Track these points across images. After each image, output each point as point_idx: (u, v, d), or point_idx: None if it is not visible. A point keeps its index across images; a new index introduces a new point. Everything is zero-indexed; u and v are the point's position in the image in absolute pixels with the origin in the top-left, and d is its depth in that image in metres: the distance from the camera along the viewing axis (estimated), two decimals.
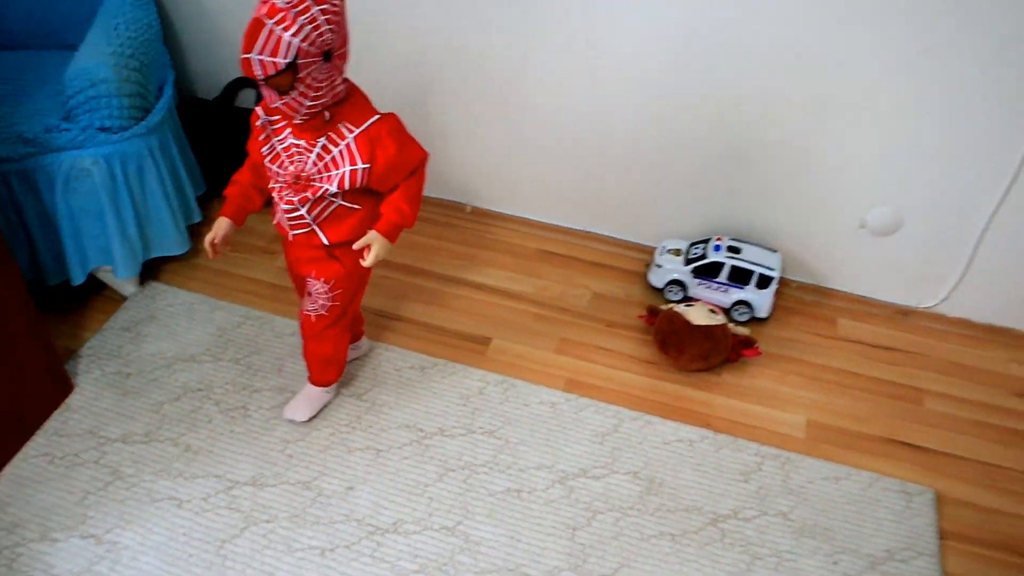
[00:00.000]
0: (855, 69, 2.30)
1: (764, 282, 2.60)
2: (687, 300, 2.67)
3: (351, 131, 1.76)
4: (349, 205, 1.88)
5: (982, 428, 2.42)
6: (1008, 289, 2.62)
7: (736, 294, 2.63)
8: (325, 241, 1.91)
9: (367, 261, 1.87)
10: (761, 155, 2.57)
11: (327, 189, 1.80)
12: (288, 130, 1.79)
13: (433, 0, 2.55)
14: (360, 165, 1.77)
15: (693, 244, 2.73)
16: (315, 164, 1.78)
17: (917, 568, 2.07)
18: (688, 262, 2.67)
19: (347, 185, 1.79)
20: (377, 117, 1.78)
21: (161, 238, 2.64)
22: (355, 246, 1.88)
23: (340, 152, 1.77)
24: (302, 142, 1.78)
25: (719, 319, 2.47)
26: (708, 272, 2.63)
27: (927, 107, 2.32)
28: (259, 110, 1.84)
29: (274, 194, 1.89)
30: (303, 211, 1.86)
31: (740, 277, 2.61)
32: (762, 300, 2.62)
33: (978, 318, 2.73)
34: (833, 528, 2.15)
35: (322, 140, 1.76)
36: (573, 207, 2.95)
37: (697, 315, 2.45)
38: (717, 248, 2.64)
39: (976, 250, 2.55)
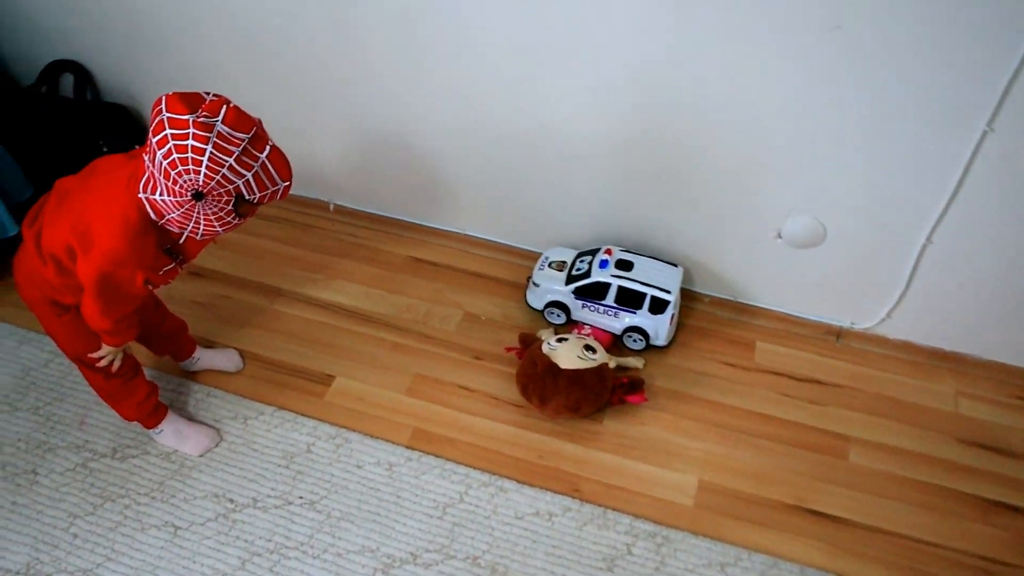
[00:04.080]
0: (763, 60, 1.81)
1: (659, 306, 2.15)
2: (571, 324, 2.25)
3: None
4: None
5: (911, 488, 2.00)
6: (958, 306, 2.16)
7: (627, 319, 2.19)
8: None
9: None
10: (664, 154, 2.09)
11: None
12: None
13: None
14: None
15: (580, 255, 2.28)
16: None
17: None
18: (570, 279, 2.22)
19: None
20: None
21: None
22: None
23: None
24: None
25: (595, 358, 2.03)
26: (592, 293, 2.19)
27: (848, 107, 1.83)
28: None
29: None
30: None
31: (630, 300, 2.16)
32: (657, 326, 2.17)
33: (923, 341, 2.28)
34: None
35: None
36: (450, 208, 2.51)
37: (566, 356, 2.01)
38: (604, 264, 2.18)
39: (919, 262, 2.08)
